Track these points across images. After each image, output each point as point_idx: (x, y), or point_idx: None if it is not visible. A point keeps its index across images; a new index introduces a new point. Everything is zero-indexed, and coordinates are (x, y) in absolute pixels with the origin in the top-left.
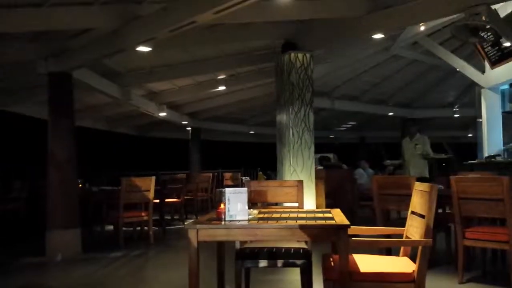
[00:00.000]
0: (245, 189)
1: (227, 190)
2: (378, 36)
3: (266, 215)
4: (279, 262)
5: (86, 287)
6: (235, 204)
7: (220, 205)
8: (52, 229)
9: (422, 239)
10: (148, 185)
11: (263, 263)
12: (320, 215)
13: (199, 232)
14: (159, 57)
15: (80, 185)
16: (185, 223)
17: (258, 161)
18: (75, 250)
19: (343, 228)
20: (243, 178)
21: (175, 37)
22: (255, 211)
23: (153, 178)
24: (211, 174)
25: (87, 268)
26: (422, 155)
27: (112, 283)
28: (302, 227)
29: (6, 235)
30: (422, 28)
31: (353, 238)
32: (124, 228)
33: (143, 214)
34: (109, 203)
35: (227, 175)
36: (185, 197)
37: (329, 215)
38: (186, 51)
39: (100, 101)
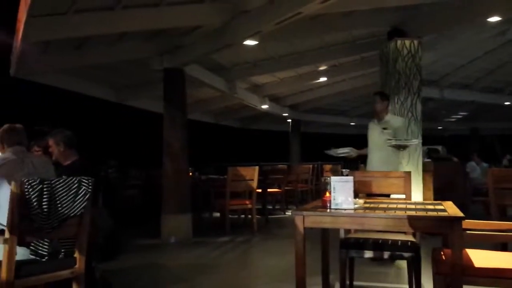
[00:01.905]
0: (351, 178)
1: (333, 178)
2: (494, 19)
3: (372, 205)
4: (386, 254)
5: (197, 268)
6: (341, 193)
7: (325, 194)
8: (166, 214)
9: None
10: (252, 174)
11: (368, 254)
12: (431, 207)
13: (305, 218)
14: (263, 50)
15: (190, 174)
16: (286, 213)
17: None
18: (187, 234)
19: (457, 220)
20: (343, 170)
21: (278, 30)
22: (361, 201)
23: (257, 168)
24: (311, 166)
25: (198, 250)
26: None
27: (221, 266)
28: (412, 217)
29: (126, 218)
30: None
31: (467, 231)
32: (229, 215)
33: (247, 202)
34: (216, 191)
35: (327, 167)
36: (286, 188)
37: (441, 207)
38: (289, 44)
39: (208, 95)
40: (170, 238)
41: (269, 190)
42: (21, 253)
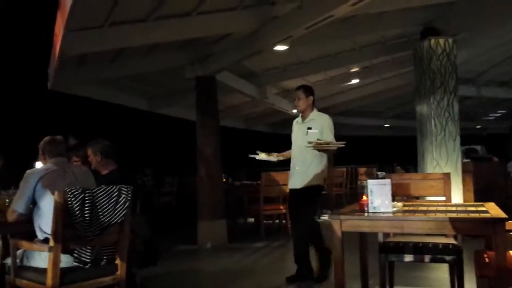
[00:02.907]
0: (388, 181)
1: (370, 182)
2: None
3: (411, 208)
4: (426, 257)
5: (234, 273)
6: (379, 196)
7: (362, 197)
8: (202, 219)
9: None
10: (286, 179)
11: (408, 258)
12: (472, 208)
13: (342, 222)
14: (292, 54)
15: (224, 180)
16: (321, 217)
17: (394, 156)
18: (222, 239)
19: (500, 221)
20: (379, 173)
21: (308, 33)
22: (399, 204)
23: (290, 172)
24: (345, 169)
25: (233, 256)
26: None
27: (258, 271)
28: (453, 219)
29: (161, 225)
30: None
31: (510, 233)
32: (264, 221)
33: (281, 207)
34: (250, 196)
35: (361, 170)
36: None
37: (483, 208)
38: (319, 47)
39: (239, 101)
40: (206, 244)
41: None
42: (65, 260)
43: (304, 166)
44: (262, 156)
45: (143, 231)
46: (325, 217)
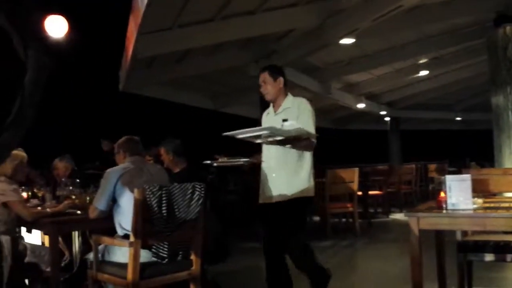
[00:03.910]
0: (468, 176)
1: (448, 177)
2: None
3: (493, 205)
4: (509, 257)
5: (297, 271)
6: (458, 192)
7: (440, 194)
8: None
9: None
10: (352, 176)
11: (489, 257)
12: None
13: (420, 220)
14: (357, 47)
15: None
16: (390, 216)
17: (466, 151)
18: None
19: None
20: (450, 169)
21: (373, 25)
22: (480, 200)
23: (357, 169)
24: (414, 166)
25: None
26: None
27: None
28: None
29: (228, 223)
30: None
31: None
32: (330, 219)
33: (348, 205)
34: (315, 194)
35: (432, 166)
36: (388, 190)
37: None
38: (384, 39)
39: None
40: None
41: (370, 192)
42: (144, 255)
43: (284, 172)
44: (223, 160)
45: (213, 228)
46: (394, 216)
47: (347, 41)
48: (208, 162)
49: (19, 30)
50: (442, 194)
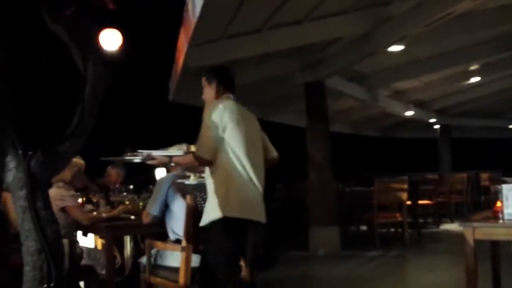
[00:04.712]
0: None
1: (505, 187)
2: None
3: None
4: None
5: (350, 281)
6: None
7: (496, 203)
8: (313, 226)
9: None
10: (401, 186)
11: None
12: None
13: (475, 230)
14: (406, 54)
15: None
16: (440, 226)
17: None
18: (335, 246)
19: None
20: (506, 178)
21: (422, 32)
22: None
23: (406, 178)
24: (465, 175)
25: (348, 264)
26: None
27: (374, 280)
28: None
29: (274, 231)
30: None
31: None
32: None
33: (397, 215)
34: (362, 203)
35: (484, 176)
36: (438, 200)
37: None
38: (434, 45)
39: (347, 105)
40: (319, 251)
41: (419, 202)
42: (195, 260)
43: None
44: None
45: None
46: (445, 226)
47: (396, 48)
48: (129, 157)
49: (79, 45)
50: (499, 203)
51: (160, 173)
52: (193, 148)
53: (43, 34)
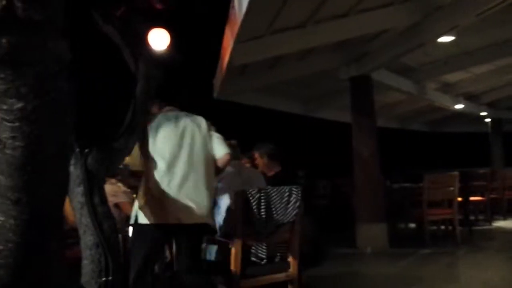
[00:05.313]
0: None
1: None
2: None
3: None
4: None
5: (400, 279)
6: None
7: None
8: (360, 223)
9: None
10: (452, 181)
11: None
12: None
13: None
14: (455, 45)
15: None
16: (493, 224)
17: None
18: (383, 244)
19: None
20: None
21: (474, 21)
22: None
23: (457, 174)
24: None
25: (397, 262)
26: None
27: (425, 278)
28: None
29: (319, 227)
30: None
31: None
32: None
33: (447, 212)
34: (411, 200)
35: None
36: (490, 196)
37: None
38: (485, 34)
39: (393, 99)
40: (367, 248)
41: (471, 198)
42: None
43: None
44: None
45: (308, 232)
46: (497, 223)
47: (445, 39)
48: None
49: (130, 45)
50: None
51: None
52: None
53: (95, 35)
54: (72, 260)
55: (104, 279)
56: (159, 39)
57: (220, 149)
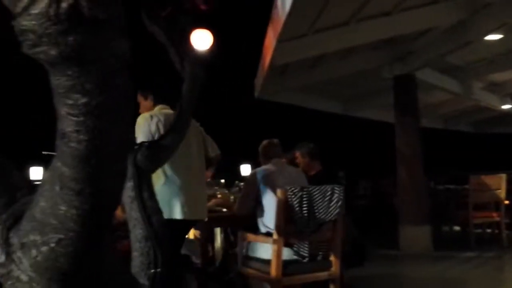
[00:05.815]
0: None
1: None
2: None
3: None
4: None
5: (443, 282)
6: None
7: None
8: (403, 224)
9: None
10: (499, 183)
11: None
12: None
13: None
14: (502, 43)
15: None
16: None
17: None
18: (426, 246)
19: None
20: None
21: None
22: None
23: (504, 176)
24: None
25: (441, 264)
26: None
27: (470, 282)
28: None
29: (361, 227)
30: None
31: None
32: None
33: (493, 215)
34: (456, 202)
35: None
36: None
37: None
38: None
39: (437, 99)
40: (410, 250)
41: None
42: (286, 253)
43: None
44: None
45: (350, 231)
46: None
47: (493, 37)
48: None
49: (175, 45)
50: None
51: (245, 169)
52: None
53: (141, 35)
54: (121, 253)
55: (153, 270)
56: (202, 40)
57: (215, 148)
